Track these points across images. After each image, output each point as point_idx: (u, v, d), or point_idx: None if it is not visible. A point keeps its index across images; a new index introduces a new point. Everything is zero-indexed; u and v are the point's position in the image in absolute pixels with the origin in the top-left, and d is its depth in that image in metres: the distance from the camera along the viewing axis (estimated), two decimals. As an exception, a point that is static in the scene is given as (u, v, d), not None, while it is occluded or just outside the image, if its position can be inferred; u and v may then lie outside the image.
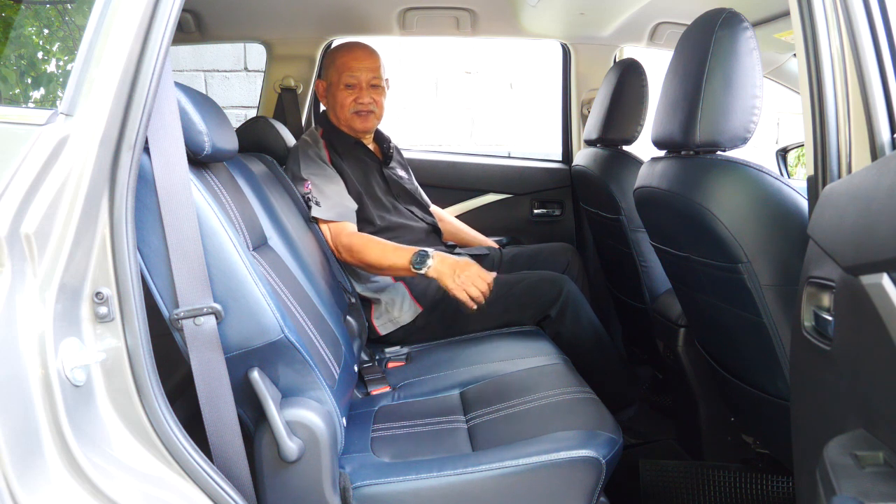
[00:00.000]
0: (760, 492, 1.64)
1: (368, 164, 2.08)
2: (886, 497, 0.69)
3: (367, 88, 2.02)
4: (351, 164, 2.03)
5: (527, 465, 1.19)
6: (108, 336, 0.93)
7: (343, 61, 2.02)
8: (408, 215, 2.12)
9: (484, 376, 1.59)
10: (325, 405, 1.15)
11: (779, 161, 2.80)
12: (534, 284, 1.97)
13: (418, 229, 2.11)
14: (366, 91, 2.01)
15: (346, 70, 2.01)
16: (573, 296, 1.94)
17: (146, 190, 0.98)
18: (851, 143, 0.97)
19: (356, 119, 2.03)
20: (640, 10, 2.13)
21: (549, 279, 1.98)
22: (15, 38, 1.17)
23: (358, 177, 2.02)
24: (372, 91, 2.02)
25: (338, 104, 2.03)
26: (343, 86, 2.01)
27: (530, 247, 2.35)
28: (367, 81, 2.01)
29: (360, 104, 2.01)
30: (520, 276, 2.02)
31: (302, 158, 1.98)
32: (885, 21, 0.95)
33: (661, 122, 1.36)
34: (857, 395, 0.80)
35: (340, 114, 2.04)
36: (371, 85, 2.02)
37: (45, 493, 0.83)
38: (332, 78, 2.04)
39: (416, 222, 2.12)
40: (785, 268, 1.13)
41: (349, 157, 2.04)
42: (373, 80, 2.02)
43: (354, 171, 2.02)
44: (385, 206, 2.06)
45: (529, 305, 1.95)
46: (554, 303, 1.93)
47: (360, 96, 2.01)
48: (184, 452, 0.96)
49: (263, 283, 1.07)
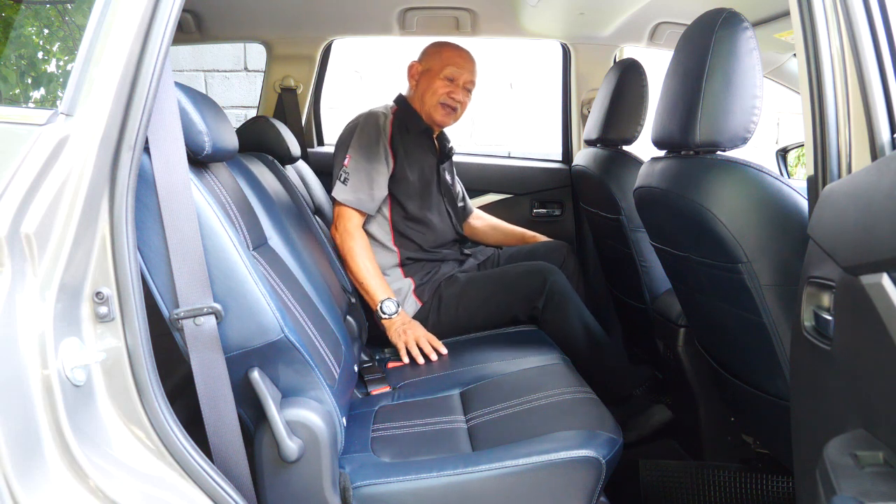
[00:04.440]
0: (760, 492, 1.64)
1: (428, 155, 2.14)
2: (886, 497, 0.69)
3: (462, 88, 2.09)
4: (411, 147, 2.08)
5: (527, 465, 1.19)
6: (109, 336, 0.93)
7: (451, 55, 2.09)
8: (444, 216, 2.17)
9: (484, 376, 1.59)
10: (326, 405, 1.15)
11: (779, 161, 2.80)
12: (517, 278, 1.99)
13: (444, 233, 2.16)
14: (460, 89, 2.09)
15: (452, 63, 2.08)
16: (558, 286, 1.96)
17: (146, 190, 0.98)
18: (851, 143, 0.97)
19: (440, 110, 2.09)
20: (640, 10, 2.13)
21: (532, 270, 2.00)
22: (15, 38, 1.17)
23: (413, 162, 2.07)
24: (464, 93, 2.11)
25: (430, 90, 2.08)
26: (444, 76, 2.07)
27: (527, 245, 2.37)
28: (465, 82, 2.09)
29: (452, 98, 2.08)
30: (502, 272, 2.05)
31: (358, 132, 2.02)
32: (885, 21, 0.95)
33: (661, 122, 1.36)
34: (857, 395, 0.80)
35: (428, 99, 2.09)
36: (465, 87, 2.11)
37: (45, 493, 0.83)
38: (434, 65, 2.09)
39: (447, 226, 2.18)
40: (785, 268, 1.13)
41: (413, 141, 2.09)
42: (468, 84, 2.11)
43: (411, 155, 2.07)
44: (427, 198, 2.11)
45: (516, 300, 1.97)
46: (539, 294, 1.96)
47: (454, 91, 2.08)
48: (184, 452, 0.96)
49: (263, 283, 1.07)
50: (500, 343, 1.82)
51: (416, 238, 2.08)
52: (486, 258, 2.26)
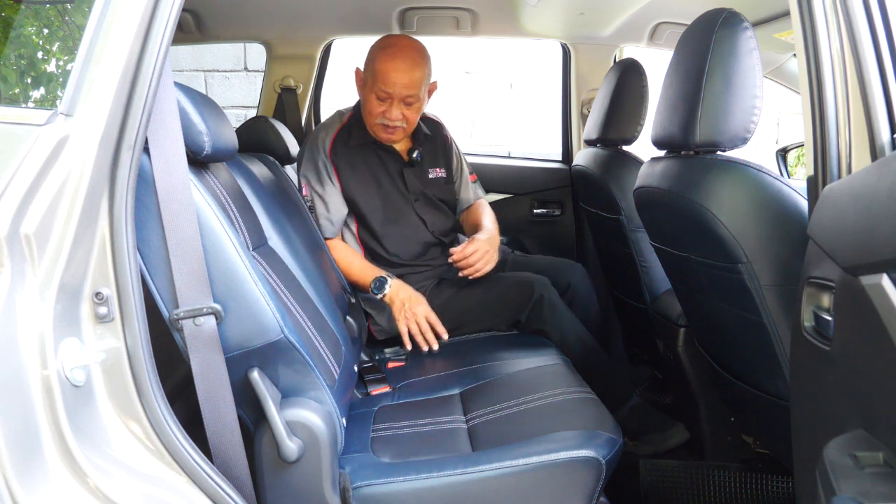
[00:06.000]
0: (760, 492, 1.64)
1: (384, 164, 1.99)
2: (886, 497, 0.69)
3: (399, 104, 1.86)
4: (357, 161, 1.96)
5: (527, 465, 1.19)
6: (108, 336, 0.92)
7: (381, 69, 1.84)
8: (414, 225, 2.01)
9: (484, 376, 1.59)
10: (325, 405, 1.15)
11: (779, 161, 2.80)
12: (505, 290, 1.93)
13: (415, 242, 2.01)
14: (396, 106, 1.86)
15: (381, 80, 1.83)
16: (547, 300, 1.86)
17: (146, 190, 0.98)
18: (851, 144, 0.97)
19: (381, 130, 1.91)
20: (640, 10, 2.13)
21: (520, 282, 1.92)
22: (15, 38, 1.17)
23: (362, 175, 1.96)
24: (404, 107, 1.87)
25: (367, 108, 1.90)
26: (375, 94, 1.86)
27: (536, 259, 2.28)
28: (401, 97, 1.85)
29: (387, 118, 1.87)
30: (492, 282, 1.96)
31: (305, 155, 1.97)
32: (885, 21, 0.95)
33: (661, 122, 1.36)
34: (857, 396, 0.80)
35: (367, 118, 1.93)
36: (405, 102, 1.86)
37: (44, 493, 0.83)
38: (368, 78, 1.89)
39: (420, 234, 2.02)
40: (785, 268, 1.13)
41: (358, 154, 1.96)
42: (407, 98, 1.85)
43: (358, 169, 1.96)
44: (390, 210, 1.98)
45: (501, 311, 1.92)
46: (524, 308, 1.88)
47: (388, 111, 1.86)
48: (184, 452, 0.96)
49: (263, 284, 1.07)
50: (500, 343, 1.82)
51: (382, 252, 1.99)
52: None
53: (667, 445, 1.83)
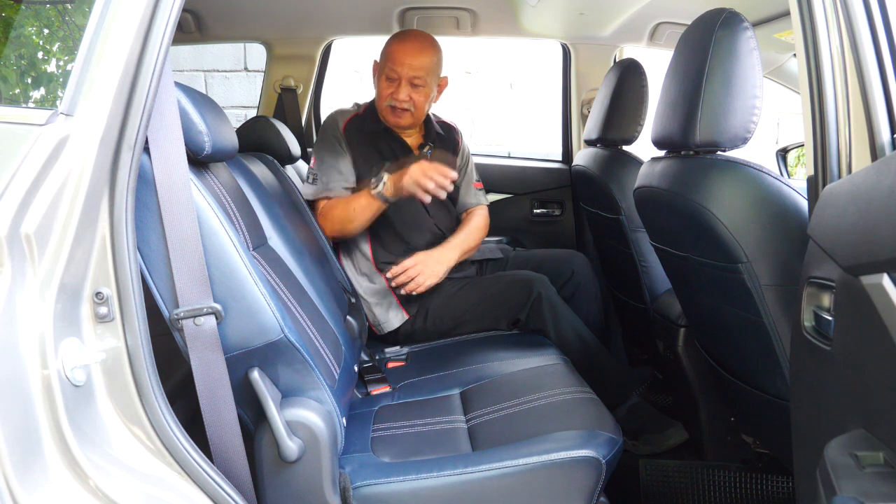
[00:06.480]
0: (760, 492, 1.64)
1: (394, 151, 2.02)
2: (887, 497, 0.69)
3: (406, 85, 1.92)
4: (368, 149, 1.99)
5: (527, 465, 1.19)
6: (108, 336, 0.92)
7: (391, 50, 1.94)
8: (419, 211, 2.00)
9: (484, 376, 1.59)
10: (326, 405, 1.15)
11: (779, 161, 2.80)
12: (504, 288, 1.93)
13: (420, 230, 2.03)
14: (404, 87, 1.92)
15: (389, 61, 1.92)
16: (546, 298, 1.87)
17: (146, 190, 0.98)
18: (851, 143, 0.97)
19: (389, 113, 1.97)
20: (640, 10, 2.13)
21: (519, 281, 1.93)
22: (15, 38, 1.17)
23: (373, 162, 1.97)
24: (412, 89, 1.93)
25: (377, 93, 1.99)
26: (384, 75, 1.94)
27: (538, 252, 2.29)
28: (408, 78, 1.91)
29: (395, 100, 1.93)
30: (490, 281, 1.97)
31: (319, 135, 2.03)
32: (885, 21, 0.95)
33: (661, 122, 1.36)
34: (858, 396, 0.80)
35: (378, 103, 2.00)
36: (412, 83, 1.92)
37: (45, 493, 0.83)
38: (380, 64, 1.98)
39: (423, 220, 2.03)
40: (785, 268, 1.13)
41: (369, 143, 2.00)
42: (414, 79, 1.91)
43: (369, 156, 1.98)
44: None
45: (501, 310, 1.92)
46: (523, 306, 1.88)
47: (396, 92, 1.92)
48: (184, 452, 0.96)
49: (263, 283, 1.07)
50: (500, 343, 1.82)
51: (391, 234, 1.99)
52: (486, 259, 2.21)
53: (666, 445, 1.83)
